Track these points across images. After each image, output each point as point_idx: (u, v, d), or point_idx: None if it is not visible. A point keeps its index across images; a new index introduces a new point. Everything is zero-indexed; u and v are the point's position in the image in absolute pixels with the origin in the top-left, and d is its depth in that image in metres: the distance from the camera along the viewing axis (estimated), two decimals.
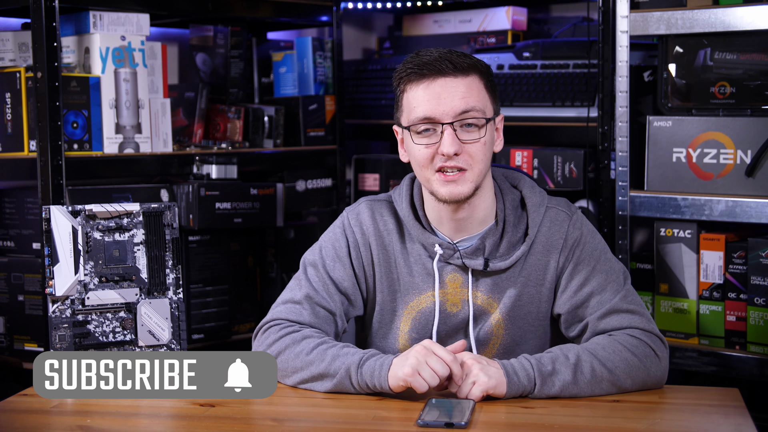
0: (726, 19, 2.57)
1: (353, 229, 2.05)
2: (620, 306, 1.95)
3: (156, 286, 2.14)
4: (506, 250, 1.99)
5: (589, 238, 2.02)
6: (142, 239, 2.13)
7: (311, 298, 2.00)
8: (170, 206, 2.16)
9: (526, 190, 2.04)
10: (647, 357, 1.88)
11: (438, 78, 1.90)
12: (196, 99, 3.07)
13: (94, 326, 2.09)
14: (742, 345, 2.63)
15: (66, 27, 2.71)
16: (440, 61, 1.90)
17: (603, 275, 1.98)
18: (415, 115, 1.91)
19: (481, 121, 1.91)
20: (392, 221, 2.05)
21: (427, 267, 2.01)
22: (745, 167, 2.59)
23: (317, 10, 3.24)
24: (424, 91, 1.91)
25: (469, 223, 1.99)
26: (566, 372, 1.83)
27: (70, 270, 2.07)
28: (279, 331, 1.95)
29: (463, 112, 1.89)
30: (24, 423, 1.81)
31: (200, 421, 1.79)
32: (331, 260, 2.03)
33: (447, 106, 1.89)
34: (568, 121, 2.97)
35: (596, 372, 1.84)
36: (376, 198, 2.10)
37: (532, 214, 2.01)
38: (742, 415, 1.77)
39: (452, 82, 1.90)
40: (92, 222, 2.09)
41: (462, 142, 1.90)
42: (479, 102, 1.91)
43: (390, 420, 1.76)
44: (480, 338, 2.01)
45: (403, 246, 2.03)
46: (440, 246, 1.99)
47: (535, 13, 3.46)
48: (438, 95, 1.89)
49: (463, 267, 2.00)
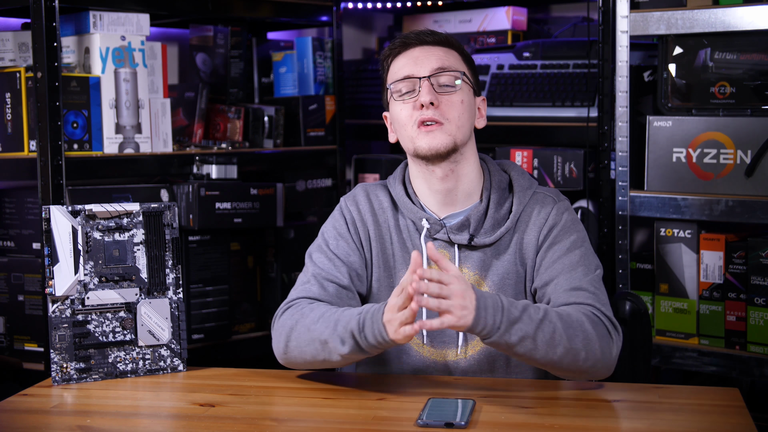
0: (726, 19, 2.57)
1: (350, 208, 2.12)
2: (587, 287, 1.96)
3: (156, 286, 2.14)
4: (491, 226, 2.03)
5: (570, 224, 2.04)
6: (142, 239, 2.13)
7: (318, 276, 2.04)
8: (170, 206, 2.16)
9: (515, 174, 2.10)
10: (603, 337, 1.89)
11: (418, 45, 2.05)
12: (196, 99, 3.07)
13: (94, 326, 2.09)
14: (742, 345, 2.63)
15: (66, 27, 2.71)
16: (421, 33, 2.06)
17: (576, 257, 2.00)
18: (395, 77, 2.04)
19: (456, 75, 2.01)
20: (387, 200, 2.11)
21: (417, 243, 2.06)
22: (745, 167, 2.59)
23: (317, 10, 3.24)
24: (405, 57, 2.05)
25: (455, 195, 2.04)
26: (530, 325, 1.83)
27: (70, 270, 2.07)
28: (290, 312, 1.99)
29: (439, 68, 2.01)
30: (24, 423, 1.81)
31: (200, 421, 1.79)
32: (334, 239, 2.09)
33: (424, 63, 2.02)
34: (568, 121, 2.97)
35: (555, 335, 1.84)
36: (371, 183, 2.18)
37: (518, 194, 2.05)
38: (742, 415, 1.77)
39: (430, 48, 2.04)
40: (92, 222, 2.09)
41: (439, 95, 2.00)
42: (455, 65, 2.03)
43: (390, 420, 1.76)
44: None
45: (396, 223, 2.09)
46: (427, 221, 2.04)
47: (535, 13, 3.46)
48: (416, 57, 2.03)
49: (450, 243, 2.04)
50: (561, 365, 1.87)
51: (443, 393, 1.89)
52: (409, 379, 2.04)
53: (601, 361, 1.89)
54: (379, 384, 1.99)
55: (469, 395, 1.87)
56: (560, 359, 1.86)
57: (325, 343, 1.90)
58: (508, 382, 2.00)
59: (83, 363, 2.08)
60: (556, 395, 1.93)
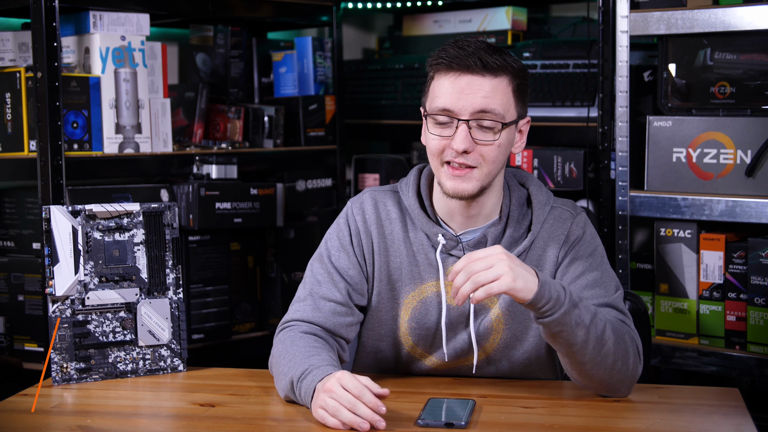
0: (726, 19, 2.57)
1: (356, 218, 2.07)
2: (617, 304, 1.94)
3: (156, 286, 2.14)
4: (508, 244, 1.99)
5: (590, 239, 2.01)
6: (142, 239, 2.13)
7: (314, 294, 2.01)
8: (170, 206, 2.16)
9: (533, 188, 2.05)
10: (634, 355, 1.88)
11: (465, 74, 1.89)
12: (196, 99, 3.07)
13: (94, 326, 2.09)
14: (742, 345, 2.63)
15: (66, 27, 2.71)
16: (471, 56, 1.88)
17: (599, 273, 1.97)
18: (436, 104, 1.92)
19: (497, 125, 1.90)
20: (395, 211, 2.06)
21: (430, 257, 2.01)
22: (745, 167, 2.59)
23: (317, 10, 3.24)
24: (449, 84, 1.90)
25: (476, 218, 2.00)
26: (587, 314, 1.80)
27: (70, 270, 2.07)
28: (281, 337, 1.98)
29: (481, 111, 1.89)
30: (24, 423, 1.81)
31: (200, 421, 1.79)
32: (336, 250, 2.05)
33: (467, 101, 1.88)
34: (568, 121, 2.97)
35: (606, 332, 1.81)
36: (380, 188, 2.11)
37: (536, 211, 2.01)
38: (742, 415, 1.77)
39: (478, 81, 1.89)
40: (92, 222, 2.09)
41: (475, 142, 1.89)
42: (501, 105, 1.90)
43: (390, 420, 1.76)
44: (480, 332, 2.01)
45: (406, 235, 2.04)
46: (443, 236, 1.99)
47: (535, 13, 3.45)
48: (461, 90, 1.89)
49: None
50: (599, 367, 1.83)
51: (443, 393, 1.89)
52: (409, 379, 2.04)
53: (630, 377, 1.87)
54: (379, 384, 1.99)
55: (469, 395, 1.87)
56: (602, 359, 1.82)
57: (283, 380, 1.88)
58: (508, 382, 2.00)
59: (83, 363, 2.08)
60: (556, 395, 1.93)
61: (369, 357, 2.09)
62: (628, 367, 1.86)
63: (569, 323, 1.77)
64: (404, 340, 2.04)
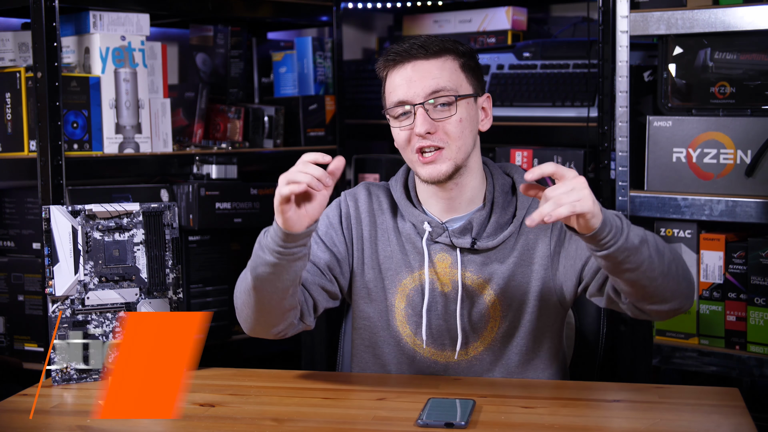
0: (726, 19, 2.57)
1: (348, 203, 2.11)
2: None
3: (156, 286, 2.14)
4: (494, 230, 2.01)
5: None
6: (142, 239, 2.13)
7: None
8: (170, 206, 2.16)
9: (518, 176, 2.07)
10: (686, 270, 1.88)
11: (410, 62, 1.96)
12: (196, 99, 3.07)
13: (94, 326, 2.09)
14: (742, 345, 2.63)
15: (66, 27, 2.71)
16: (412, 46, 1.96)
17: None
18: (391, 99, 1.98)
19: (451, 99, 1.95)
20: (387, 201, 2.10)
21: (417, 246, 2.04)
22: (745, 167, 2.59)
23: (317, 10, 3.24)
24: (399, 76, 1.97)
25: (458, 202, 2.03)
26: (638, 230, 1.78)
27: (70, 270, 2.07)
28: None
29: (433, 92, 1.94)
30: (24, 423, 1.81)
31: (200, 421, 1.79)
32: (325, 227, 2.08)
33: (418, 87, 1.94)
34: (568, 121, 2.97)
35: (657, 241, 1.80)
36: (375, 183, 2.16)
37: (521, 197, 2.03)
38: (742, 415, 1.77)
39: (423, 65, 1.96)
40: (92, 222, 2.09)
41: (435, 121, 1.94)
42: (450, 81, 1.96)
43: (390, 420, 1.76)
44: (475, 321, 2.02)
45: (395, 224, 2.07)
46: (429, 224, 2.02)
47: (535, 13, 3.46)
48: (409, 78, 1.95)
49: (452, 246, 2.02)
50: (669, 276, 1.80)
51: (443, 393, 1.89)
52: (409, 379, 2.04)
53: (691, 279, 1.87)
54: (379, 384, 1.99)
55: (469, 395, 1.87)
56: (668, 268, 1.80)
57: (246, 273, 1.91)
58: (508, 382, 2.00)
59: (83, 363, 2.08)
60: (556, 395, 1.93)
61: (367, 352, 2.09)
62: (687, 268, 1.87)
63: (632, 244, 1.75)
64: (402, 329, 2.04)
